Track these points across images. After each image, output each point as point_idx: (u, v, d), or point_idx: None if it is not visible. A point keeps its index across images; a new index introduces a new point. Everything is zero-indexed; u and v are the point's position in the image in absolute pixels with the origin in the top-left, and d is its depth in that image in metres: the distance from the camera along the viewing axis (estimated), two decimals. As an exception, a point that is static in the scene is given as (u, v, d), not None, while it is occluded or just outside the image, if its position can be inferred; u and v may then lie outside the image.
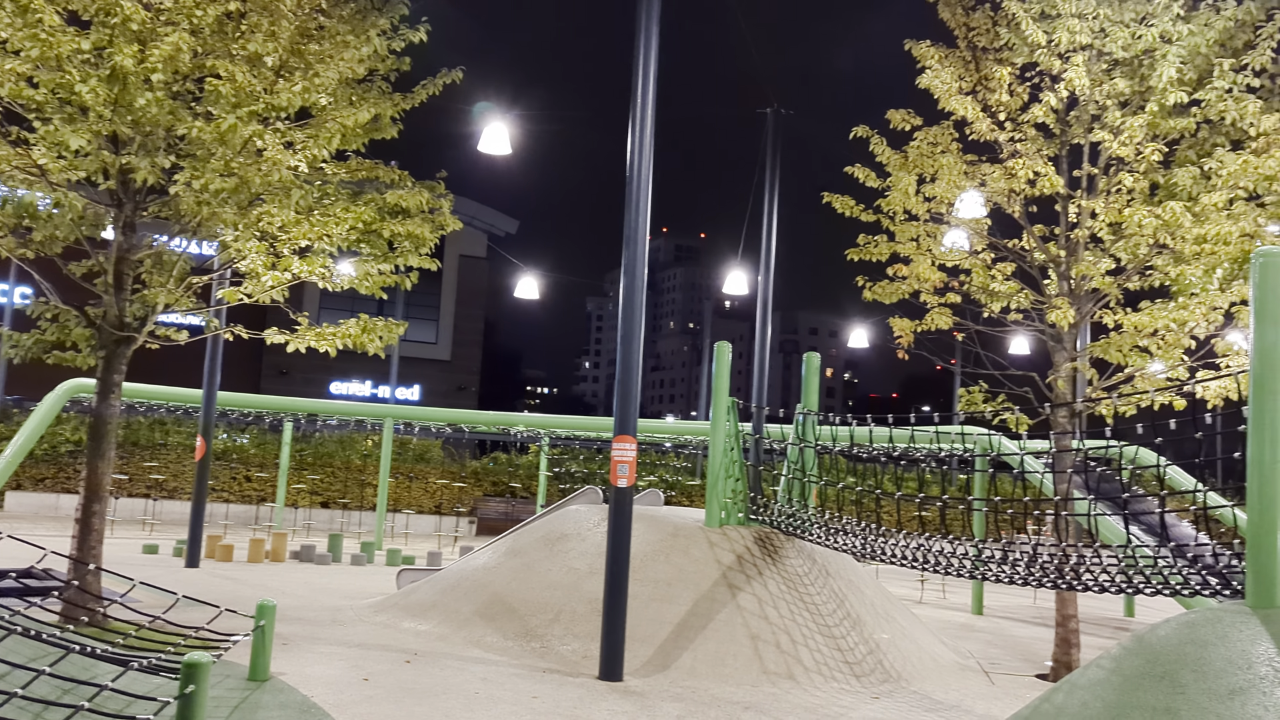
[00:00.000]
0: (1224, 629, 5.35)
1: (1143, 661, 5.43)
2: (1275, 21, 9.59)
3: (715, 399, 11.66)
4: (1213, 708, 4.89)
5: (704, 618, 9.90)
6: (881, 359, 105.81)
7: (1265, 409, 5.59)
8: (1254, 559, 5.56)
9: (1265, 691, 4.86)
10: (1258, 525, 5.56)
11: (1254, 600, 5.52)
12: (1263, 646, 5.12)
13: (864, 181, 11.23)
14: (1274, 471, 5.53)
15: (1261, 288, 5.69)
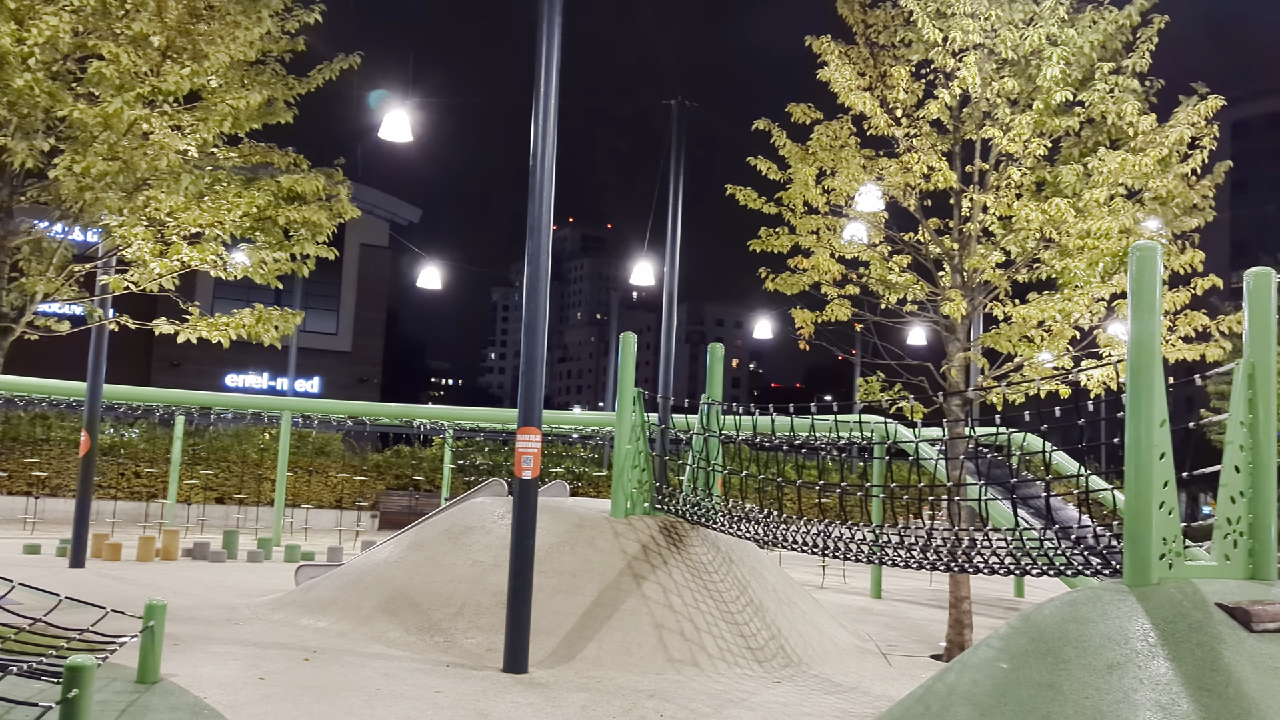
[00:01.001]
0: (1103, 606, 5.60)
1: (1029, 640, 5.65)
2: (1152, 26, 10.05)
3: (621, 390, 11.70)
4: (1092, 682, 5.12)
5: (609, 608, 9.93)
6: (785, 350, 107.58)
7: (1141, 397, 5.86)
8: (1131, 539, 5.83)
9: (1140, 665, 5.11)
10: (1134, 507, 5.83)
11: (1131, 578, 5.79)
12: (1138, 622, 5.38)
13: (766, 174, 11.38)
14: (1150, 456, 5.80)
15: (1137, 280, 5.97)
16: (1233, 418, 6.22)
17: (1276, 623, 5.23)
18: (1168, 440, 5.91)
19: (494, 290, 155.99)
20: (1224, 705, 4.74)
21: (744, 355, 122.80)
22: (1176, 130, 9.66)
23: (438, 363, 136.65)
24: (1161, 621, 5.31)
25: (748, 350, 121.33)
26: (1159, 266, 6.02)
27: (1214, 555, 6.17)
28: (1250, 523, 6.17)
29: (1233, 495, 6.15)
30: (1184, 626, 5.25)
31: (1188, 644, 5.13)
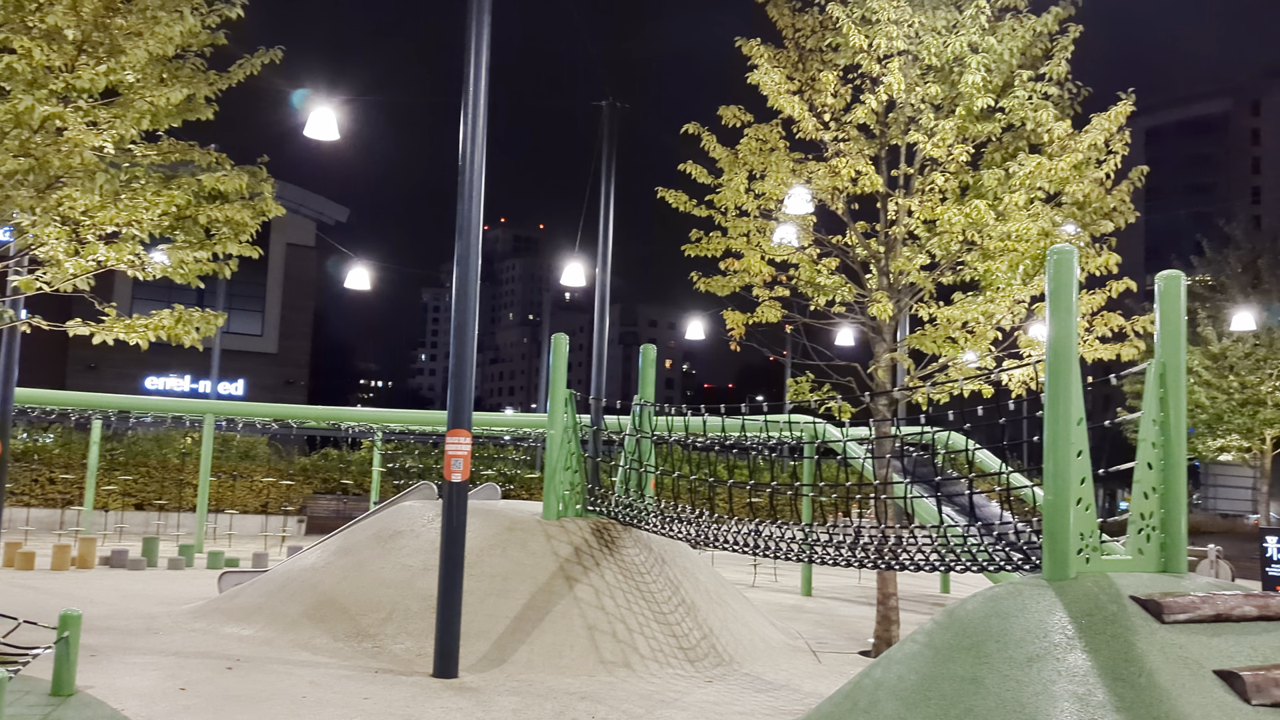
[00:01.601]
0: (1024, 601, 5.75)
1: (952, 635, 5.78)
2: (1069, 34, 10.33)
3: (553, 391, 11.66)
4: (1013, 675, 5.25)
5: (541, 610, 9.89)
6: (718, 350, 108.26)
7: (1059, 396, 6.02)
8: (1049, 535, 5.99)
9: (1059, 658, 5.25)
10: (1053, 504, 5.99)
11: (1050, 573, 5.95)
12: (1057, 616, 5.53)
13: (697, 178, 11.44)
14: (1067, 454, 5.97)
15: (1055, 282, 6.13)
16: (1145, 416, 6.42)
17: (1187, 614, 5.42)
18: (1085, 438, 6.08)
19: (424, 291, 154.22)
20: (1137, 694, 4.89)
21: (677, 356, 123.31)
22: (1091, 136, 9.95)
23: (367, 364, 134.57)
24: (1079, 615, 5.46)
25: (681, 351, 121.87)
26: (1075, 269, 6.19)
27: (1128, 549, 6.37)
28: (1162, 518, 6.39)
29: (1146, 491, 6.36)
30: (1100, 619, 5.41)
31: (1103, 636, 5.28)
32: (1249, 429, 31.37)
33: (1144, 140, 79.31)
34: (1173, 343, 6.48)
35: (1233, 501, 42.73)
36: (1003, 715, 5.01)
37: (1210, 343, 31.58)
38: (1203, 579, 6.27)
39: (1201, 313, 32.42)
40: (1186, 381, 27.76)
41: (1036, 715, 4.94)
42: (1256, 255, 34.54)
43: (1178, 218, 75.46)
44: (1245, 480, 34.95)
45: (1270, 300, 31.63)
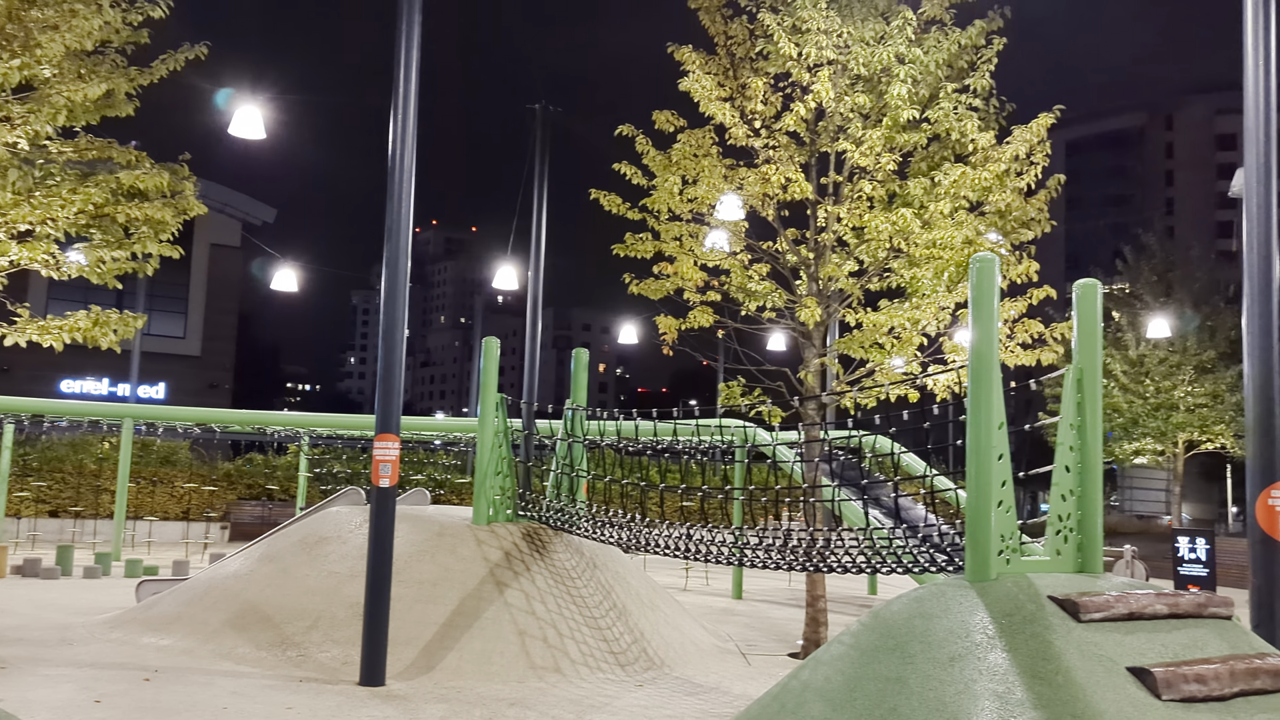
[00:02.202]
0: (946, 602, 5.85)
1: (877, 636, 5.86)
2: (992, 47, 10.59)
3: (483, 395, 11.57)
4: (936, 674, 5.34)
5: (470, 616, 9.80)
6: (651, 354, 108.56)
7: (981, 400, 6.15)
8: (971, 537, 6.12)
9: (980, 657, 5.36)
10: (974, 506, 6.12)
11: (972, 574, 6.08)
12: (979, 616, 5.64)
13: (630, 179, 11.46)
14: (989, 457, 6.10)
15: (977, 290, 6.27)
16: (1063, 420, 6.59)
17: (1102, 613, 5.58)
18: (1005, 442, 6.22)
19: (354, 293, 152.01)
20: (1054, 692, 5.02)
21: (611, 360, 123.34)
22: (1013, 147, 10.21)
23: (294, 367, 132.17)
24: (999, 615, 5.58)
25: (615, 355, 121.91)
26: (997, 277, 6.34)
27: (1047, 550, 6.54)
28: (1080, 519, 6.57)
29: (1063, 493, 6.53)
30: (1019, 619, 5.53)
31: (1022, 635, 5.41)
32: (1163, 433, 32.46)
33: (1064, 152, 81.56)
34: (1089, 349, 6.67)
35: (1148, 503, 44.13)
36: (925, 714, 5.10)
37: (1128, 349, 32.61)
38: (1118, 579, 6.46)
39: (1119, 320, 33.46)
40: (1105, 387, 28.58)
41: (958, 714, 5.03)
42: (1170, 265, 35.76)
43: (1097, 227, 77.84)
44: (1160, 483, 36.19)
45: (1183, 308, 32.76)
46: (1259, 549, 7.99)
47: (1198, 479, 43.13)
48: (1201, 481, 44.30)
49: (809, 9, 10.33)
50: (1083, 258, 66.65)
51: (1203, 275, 35.27)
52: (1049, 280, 11.10)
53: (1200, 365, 31.81)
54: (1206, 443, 32.62)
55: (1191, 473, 38.73)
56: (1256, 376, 8.13)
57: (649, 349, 23.83)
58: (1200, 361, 31.78)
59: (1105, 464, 40.18)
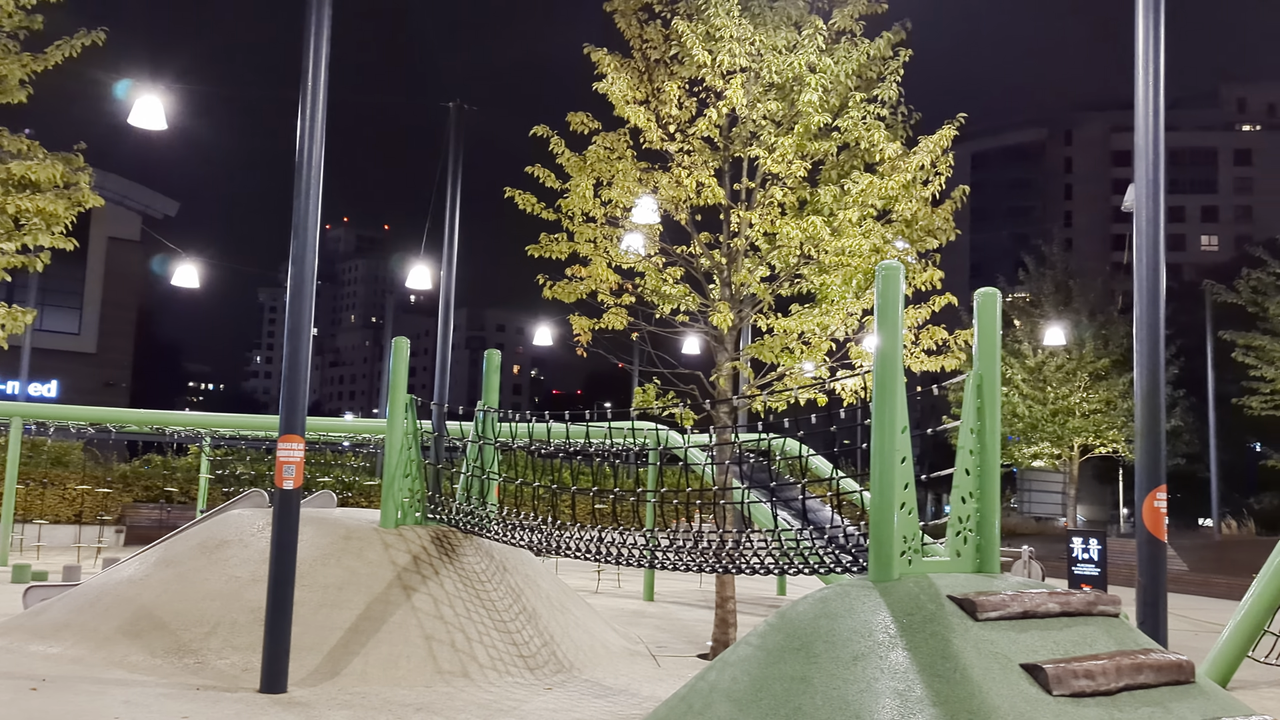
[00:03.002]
0: (850, 602, 5.97)
1: (783, 636, 5.94)
2: (899, 58, 10.85)
3: (392, 396, 11.39)
4: (840, 673, 5.44)
5: (377, 621, 9.63)
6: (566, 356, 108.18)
7: (885, 405, 6.29)
8: (875, 538, 6.25)
9: (882, 656, 5.47)
10: (878, 508, 6.25)
11: (875, 575, 6.20)
12: (881, 616, 5.76)
13: (544, 182, 11.42)
14: (892, 460, 6.23)
15: (882, 297, 6.40)
16: (964, 425, 6.78)
17: (998, 612, 5.75)
18: (909, 445, 6.36)
19: (261, 290, 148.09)
20: (952, 689, 5.15)
21: (525, 362, 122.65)
22: (919, 157, 10.47)
23: (197, 366, 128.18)
24: (901, 614, 5.71)
25: (529, 357, 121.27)
26: (902, 284, 6.48)
27: (948, 551, 6.71)
28: (978, 521, 6.76)
29: (963, 496, 6.71)
30: (920, 618, 5.67)
31: (923, 634, 5.54)
32: (1060, 437, 33.67)
33: (970, 164, 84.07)
34: (989, 356, 6.86)
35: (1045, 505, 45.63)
36: (829, 713, 5.19)
37: (1028, 357, 33.74)
38: (1014, 578, 6.67)
39: (1020, 328, 34.59)
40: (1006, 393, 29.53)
41: (860, 712, 5.13)
42: (1068, 276, 37.11)
43: (1000, 238, 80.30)
44: (1056, 485, 37.46)
45: (1079, 318, 34.02)
46: (1145, 549, 8.35)
47: (1092, 482, 44.84)
48: (1095, 484, 46.07)
49: (722, 16, 10.44)
50: (987, 267, 68.65)
51: (1098, 286, 36.72)
52: (955, 288, 11.41)
53: (1095, 373, 33.11)
54: (1100, 447, 33.96)
55: (1086, 476, 40.26)
56: (1145, 384, 8.49)
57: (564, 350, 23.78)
58: (1095, 369, 33.07)
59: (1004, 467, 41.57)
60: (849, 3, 10.96)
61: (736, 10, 10.54)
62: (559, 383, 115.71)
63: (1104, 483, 45.96)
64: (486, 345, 28.96)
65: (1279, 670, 12.06)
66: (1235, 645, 11.19)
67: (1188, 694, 5.67)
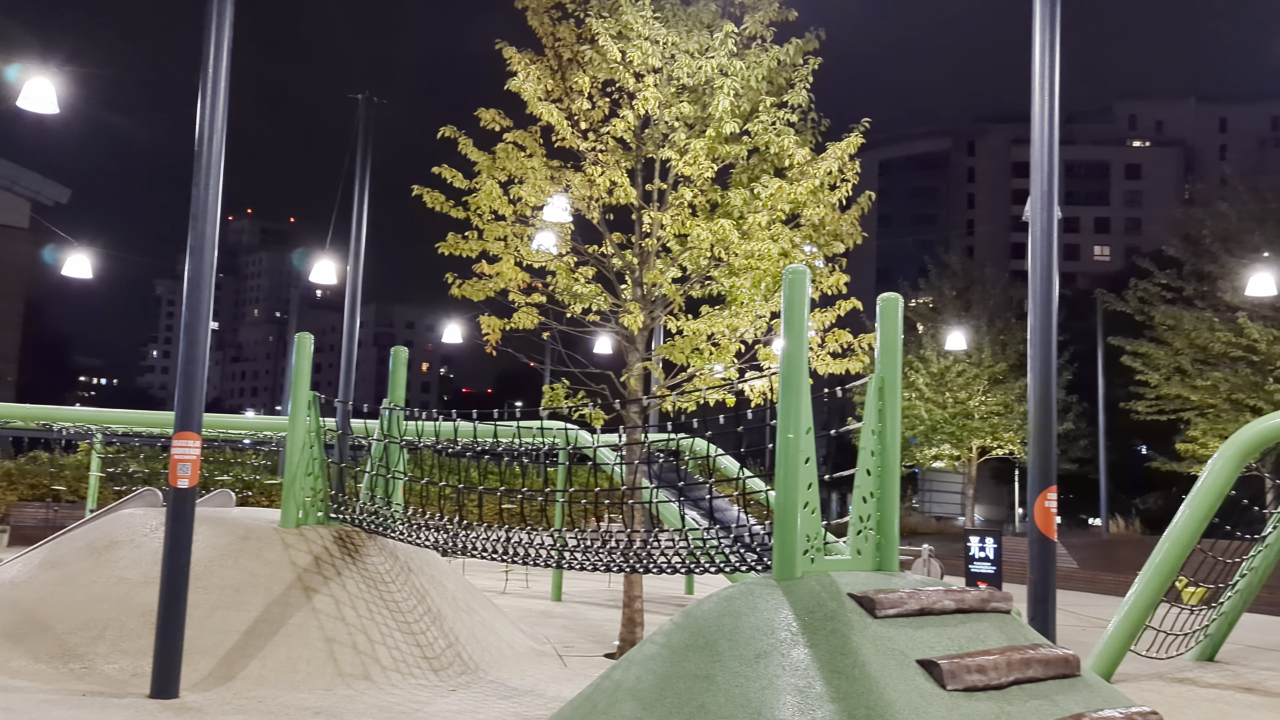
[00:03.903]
0: (754, 600, 6.04)
1: (688, 634, 5.98)
2: (808, 65, 11.03)
3: (294, 393, 11.13)
4: (743, 671, 5.50)
5: (275, 623, 9.39)
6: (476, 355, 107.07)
7: (790, 406, 6.39)
8: (779, 537, 6.34)
9: (784, 654, 5.56)
10: (782, 507, 6.34)
11: (778, 573, 6.29)
12: (784, 614, 5.85)
13: (451, 181, 11.29)
14: (796, 461, 6.33)
15: (789, 300, 6.51)
16: (866, 426, 6.92)
17: (896, 609, 5.89)
18: (813, 446, 6.47)
19: (158, 283, 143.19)
20: (851, 685, 5.26)
21: (435, 360, 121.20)
22: (827, 163, 10.66)
23: (89, 360, 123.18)
24: (803, 612, 5.81)
25: (439, 354, 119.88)
26: (808, 288, 6.60)
27: (849, 550, 6.85)
28: (879, 520, 6.91)
29: (865, 495, 6.85)
30: (821, 616, 5.77)
31: (823, 632, 5.65)
32: (959, 439, 34.67)
33: (877, 171, 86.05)
34: (890, 359, 7.02)
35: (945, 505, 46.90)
36: (731, 710, 5.25)
37: (930, 361, 34.66)
38: (913, 576, 6.84)
39: (923, 333, 35.52)
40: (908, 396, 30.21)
41: (762, 709, 5.20)
42: (969, 283, 38.24)
43: (905, 244, 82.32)
44: (956, 486, 38.59)
45: (979, 323, 35.07)
46: (1036, 548, 8.66)
47: (990, 482, 46.29)
48: (993, 485, 47.57)
49: (634, 15, 10.47)
50: (892, 272, 70.30)
51: (997, 293, 37.91)
52: (862, 292, 11.63)
53: (993, 377, 34.18)
54: (997, 449, 35.07)
55: (984, 477, 41.54)
56: (1037, 388, 8.80)
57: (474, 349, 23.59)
58: (993, 373, 34.14)
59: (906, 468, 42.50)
60: (760, 9, 11.11)
61: (649, 11, 10.58)
62: (469, 381, 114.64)
63: (1001, 483, 47.49)
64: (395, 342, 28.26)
65: (1160, 663, 12.65)
66: (1119, 640, 11.69)
67: (1073, 687, 5.89)
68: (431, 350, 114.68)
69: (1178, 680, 11.95)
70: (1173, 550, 11.74)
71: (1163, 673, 12.30)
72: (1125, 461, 41.34)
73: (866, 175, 11.44)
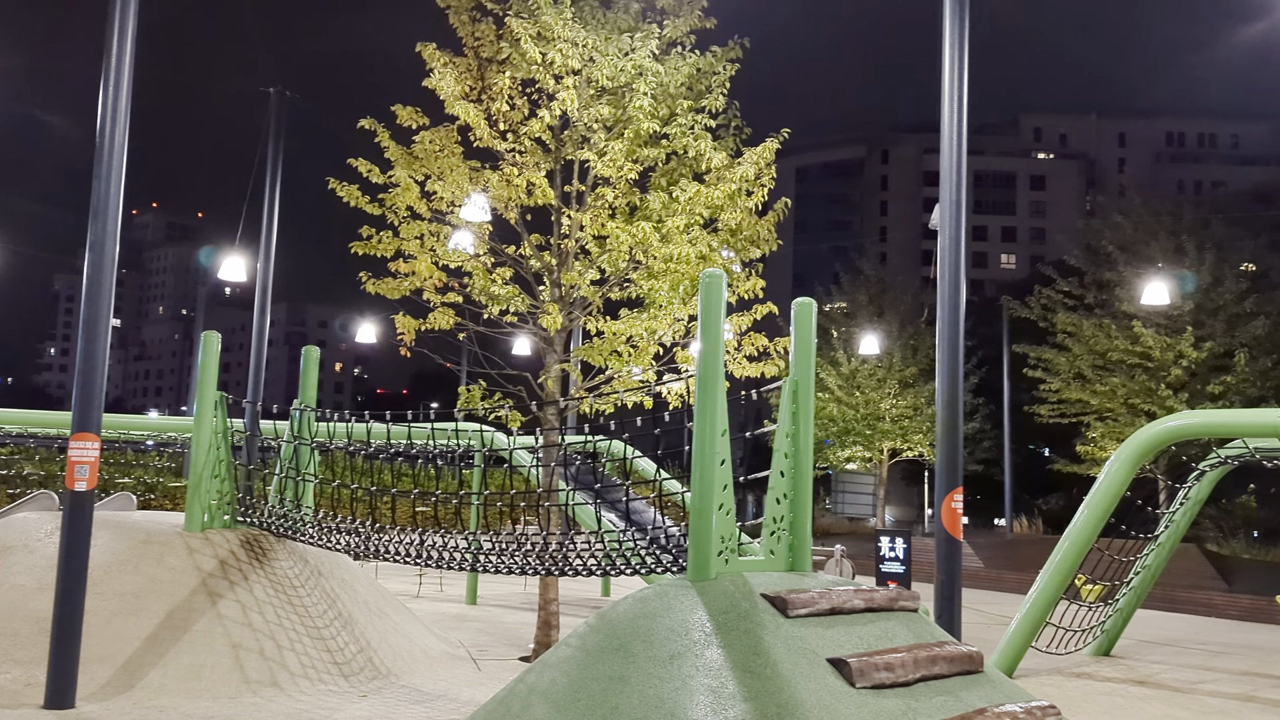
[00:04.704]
0: (669, 601, 6.07)
1: (603, 636, 5.98)
2: (726, 72, 11.15)
3: (200, 393, 10.82)
4: (656, 672, 5.53)
5: (179, 630, 9.11)
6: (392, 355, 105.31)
7: (706, 409, 6.44)
8: (694, 538, 6.38)
9: (697, 654, 5.60)
10: (697, 509, 6.39)
11: (693, 574, 6.33)
12: (697, 615, 5.89)
13: (369, 176, 11.12)
14: (711, 462, 6.38)
15: (705, 303, 6.56)
16: (780, 429, 7.02)
17: (807, 608, 5.98)
18: (728, 448, 6.53)
19: (57, 278, 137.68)
20: (763, 684, 5.32)
21: (349, 359, 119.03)
22: (744, 169, 10.78)
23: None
24: (716, 613, 5.86)
25: (353, 354, 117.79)
26: (724, 292, 6.66)
27: (762, 551, 6.93)
28: (792, 521, 7.01)
29: (778, 497, 6.94)
30: (734, 616, 5.83)
31: (736, 632, 5.70)
32: (871, 441, 35.38)
33: (794, 177, 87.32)
34: (804, 362, 7.13)
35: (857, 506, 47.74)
36: (645, 711, 5.26)
37: (843, 364, 35.30)
38: (825, 576, 6.95)
39: (837, 337, 36.16)
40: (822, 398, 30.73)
41: (675, 709, 5.23)
42: (882, 289, 39.08)
43: (822, 250, 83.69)
44: (868, 487, 39.34)
45: (891, 328, 35.83)
46: (943, 548, 8.89)
47: (900, 484, 47.33)
48: (904, 486, 48.64)
49: (554, 19, 10.45)
50: (808, 277, 71.43)
51: (908, 299, 38.82)
52: (779, 297, 11.78)
53: (904, 380, 34.97)
54: (908, 450, 35.89)
55: (895, 478, 42.46)
56: (945, 391, 9.03)
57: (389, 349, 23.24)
58: (904, 377, 34.93)
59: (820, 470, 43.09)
60: (681, 15, 11.18)
61: (569, 13, 10.57)
62: (384, 382, 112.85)
63: (911, 484, 48.58)
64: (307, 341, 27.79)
65: (1060, 659, 13.09)
66: (1021, 636, 12.08)
67: (977, 683, 6.06)
68: (345, 350, 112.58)
69: (1076, 675, 12.39)
70: (1072, 549, 12.18)
71: (1062, 668, 12.74)
72: (1029, 463, 42.68)
73: (784, 181, 11.62)
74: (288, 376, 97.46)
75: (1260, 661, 14.28)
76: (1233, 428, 12.83)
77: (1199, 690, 11.61)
